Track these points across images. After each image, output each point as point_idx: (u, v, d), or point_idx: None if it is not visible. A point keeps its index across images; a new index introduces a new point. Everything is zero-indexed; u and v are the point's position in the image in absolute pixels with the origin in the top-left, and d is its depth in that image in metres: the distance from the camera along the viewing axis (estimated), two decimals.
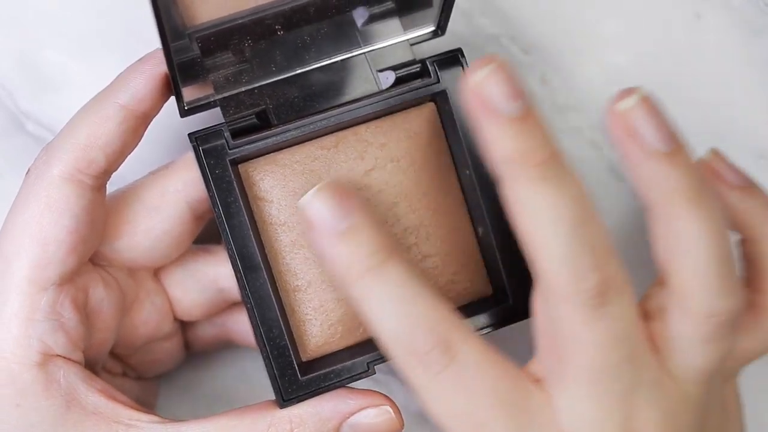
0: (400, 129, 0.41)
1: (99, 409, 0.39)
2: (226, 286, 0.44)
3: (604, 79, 0.49)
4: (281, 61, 0.41)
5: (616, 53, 0.49)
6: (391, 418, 0.40)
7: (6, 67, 0.47)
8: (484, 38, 0.49)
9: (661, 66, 0.50)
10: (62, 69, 0.47)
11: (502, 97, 0.34)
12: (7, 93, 0.47)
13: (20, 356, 0.39)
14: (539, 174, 0.34)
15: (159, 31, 0.35)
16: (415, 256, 0.41)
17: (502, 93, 0.34)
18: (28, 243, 0.39)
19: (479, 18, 0.49)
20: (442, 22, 0.41)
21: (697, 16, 0.49)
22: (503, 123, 0.34)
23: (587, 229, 0.35)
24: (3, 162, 0.47)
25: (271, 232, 0.41)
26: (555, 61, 0.49)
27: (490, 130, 0.34)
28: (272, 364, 0.40)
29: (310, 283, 0.41)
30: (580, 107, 0.50)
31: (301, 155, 0.41)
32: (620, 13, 0.49)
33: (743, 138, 0.50)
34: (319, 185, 0.37)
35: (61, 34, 0.47)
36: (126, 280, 0.43)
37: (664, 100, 0.49)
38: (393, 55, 0.41)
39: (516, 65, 0.49)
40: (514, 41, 0.49)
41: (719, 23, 0.49)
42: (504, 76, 0.34)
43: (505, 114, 0.34)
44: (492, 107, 0.34)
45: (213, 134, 0.39)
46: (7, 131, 0.47)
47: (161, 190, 0.41)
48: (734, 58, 0.50)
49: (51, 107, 0.47)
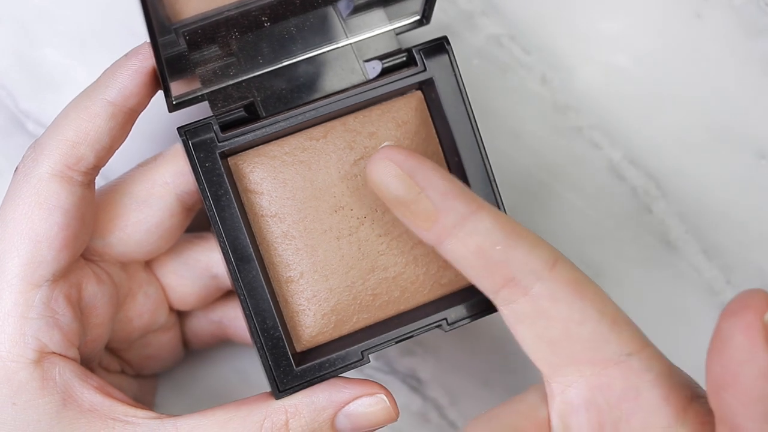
0: (388, 118, 0.42)
1: (95, 405, 0.39)
2: (220, 273, 0.44)
3: (604, 79, 0.50)
4: (268, 53, 0.41)
5: (616, 53, 0.49)
6: (386, 407, 0.40)
7: (6, 67, 0.47)
8: (484, 38, 0.49)
9: (661, 66, 0.50)
10: (62, 68, 0.48)
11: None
12: (7, 92, 0.48)
13: (15, 354, 0.39)
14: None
15: (147, 27, 0.35)
16: (406, 243, 0.41)
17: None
18: (19, 241, 0.39)
19: (479, 18, 0.49)
20: (426, 11, 0.41)
21: (697, 16, 0.49)
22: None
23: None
24: (3, 161, 0.48)
25: (263, 224, 0.41)
26: (555, 61, 0.49)
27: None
28: (267, 356, 0.40)
29: (302, 273, 0.41)
30: (580, 107, 0.50)
31: (290, 146, 0.41)
32: (620, 13, 0.49)
33: (743, 138, 0.50)
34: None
35: (61, 33, 0.47)
36: (119, 274, 0.43)
37: (664, 100, 0.50)
38: (379, 45, 0.42)
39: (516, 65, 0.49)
40: (514, 41, 0.49)
41: (719, 23, 0.49)
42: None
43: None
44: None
45: (202, 128, 0.39)
46: (7, 131, 0.48)
47: (150, 183, 0.42)
48: (734, 58, 0.50)
49: (51, 106, 0.48)
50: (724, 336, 0.33)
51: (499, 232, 0.37)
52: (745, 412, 0.33)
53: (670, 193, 0.50)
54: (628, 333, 0.37)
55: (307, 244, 0.41)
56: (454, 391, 0.50)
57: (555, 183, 0.50)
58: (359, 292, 0.41)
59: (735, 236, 0.50)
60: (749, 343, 0.33)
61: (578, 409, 0.38)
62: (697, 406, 0.38)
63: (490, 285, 0.37)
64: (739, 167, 0.50)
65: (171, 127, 0.41)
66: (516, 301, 0.37)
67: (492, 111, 0.50)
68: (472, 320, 0.41)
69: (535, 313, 0.37)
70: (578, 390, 0.38)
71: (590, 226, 0.50)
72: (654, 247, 0.50)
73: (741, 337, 0.33)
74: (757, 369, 0.33)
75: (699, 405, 0.38)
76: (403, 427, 0.49)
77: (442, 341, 0.50)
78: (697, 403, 0.38)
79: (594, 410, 0.38)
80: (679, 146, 0.50)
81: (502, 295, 0.37)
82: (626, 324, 0.38)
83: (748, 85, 0.50)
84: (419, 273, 0.41)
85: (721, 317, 0.34)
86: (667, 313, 0.50)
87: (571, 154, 0.50)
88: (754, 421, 0.33)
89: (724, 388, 0.34)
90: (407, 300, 0.41)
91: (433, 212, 0.37)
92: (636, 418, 0.37)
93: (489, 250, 0.37)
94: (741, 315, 0.33)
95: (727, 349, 0.33)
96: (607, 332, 0.37)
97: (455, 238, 0.37)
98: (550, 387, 0.38)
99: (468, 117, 0.41)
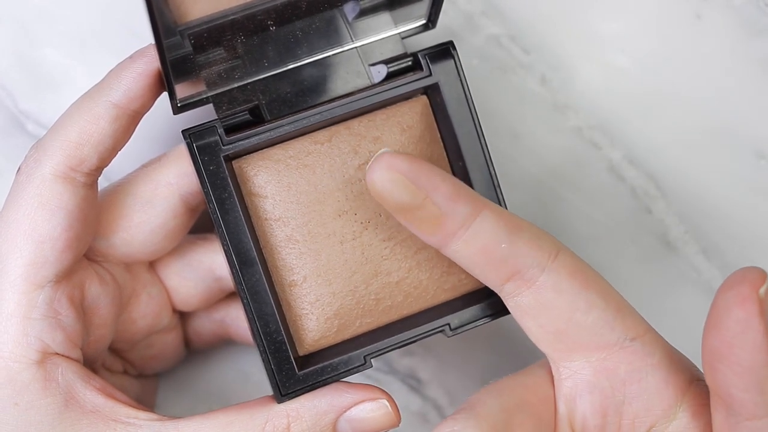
0: (393, 122, 0.41)
1: (97, 407, 0.39)
2: (223, 275, 0.44)
3: (604, 79, 0.50)
4: (273, 56, 0.41)
5: (616, 53, 0.49)
6: (388, 412, 0.40)
7: (6, 67, 0.47)
8: (484, 38, 0.49)
9: (661, 66, 0.50)
10: (62, 68, 0.47)
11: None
12: (7, 93, 0.47)
13: (18, 355, 0.39)
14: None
15: (152, 29, 0.35)
16: (409, 248, 0.41)
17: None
18: (22, 241, 0.39)
19: (479, 18, 0.49)
20: (432, 15, 0.41)
21: (697, 16, 0.49)
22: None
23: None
24: (3, 161, 0.48)
25: (266, 228, 0.41)
26: (555, 61, 0.49)
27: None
28: (269, 359, 0.40)
29: (305, 278, 0.41)
30: (580, 107, 0.50)
31: (294, 150, 0.41)
32: (620, 13, 0.49)
33: (743, 138, 0.50)
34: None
35: (61, 33, 0.47)
36: (122, 275, 0.43)
37: (663, 100, 0.50)
38: (384, 49, 0.41)
39: (516, 65, 0.49)
40: (514, 41, 0.49)
41: (719, 23, 0.49)
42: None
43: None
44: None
45: (206, 131, 0.39)
46: (7, 131, 0.47)
47: (154, 183, 0.42)
48: (734, 58, 0.50)
49: (51, 107, 0.48)
50: (721, 309, 0.34)
51: (502, 229, 0.37)
52: (740, 383, 0.34)
53: (669, 193, 0.50)
54: (631, 319, 0.38)
55: (310, 248, 0.41)
56: (454, 391, 0.50)
57: (555, 183, 0.50)
58: (362, 296, 0.41)
59: (734, 236, 0.51)
60: (745, 316, 0.33)
61: (583, 392, 0.38)
62: (696, 388, 0.38)
63: (495, 280, 0.38)
64: (738, 167, 0.50)
65: (175, 128, 0.41)
66: (521, 294, 0.38)
67: (492, 111, 0.50)
68: (476, 326, 0.41)
69: (541, 304, 0.38)
70: (584, 374, 0.38)
71: (590, 226, 0.50)
72: (653, 247, 0.51)
73: (737, 310, 0.33)
74: (752, 341, 0.33)
75: (698, 387, 0.38)
76: (402, 427, 0.49)
77: (441, 342, 0.50)
78: (696, 386, 0.39)
79: (599, 394, 0.38)
80: (679, 146, 0.50)
81: (507, 288, 0.38)
82: (629, 310, 0.38)
83: (748, 85, 0.50)
84: (422, 278, 0.41)
85: (718, 292, 0.34)
86: (667, 313, 0.50)
87: (571, 154, 0.50)
88: (748, 392, 0.34)
89: (719, 360, 0.34)
90: (410, 305, 0.42)
91: (438, 216, 0.37)
92: (638, 400, 0.38)
93: (494, 249, 0.37)
94: (737, 289, 0.34)
95: (723, 322, 0.34)
96: (611, 319, 0.38)
97: (461, 241, 0.37)
98: (557, 370, 0.39)
99: (473, 122, 0.41)
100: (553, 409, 0.39)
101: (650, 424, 0.38)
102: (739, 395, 0.34)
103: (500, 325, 0.46)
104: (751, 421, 0.35)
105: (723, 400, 0.35)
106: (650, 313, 0.40)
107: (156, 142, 0.46)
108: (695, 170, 0.50)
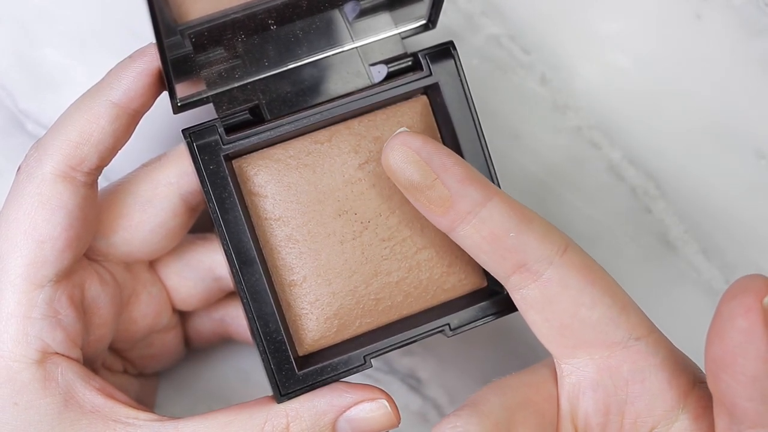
0: (393, 122, 0.41)
1: (96, 407, 0.39)
2: (223, 274, 0.44)
3: (604, 79, 0.50)
4: (273, 56, 0.41)
5: (616, 53, 0.49)
6: (387, 412, 0.40)
7: (6, 67, 0.47)
8: (484, 38, 0.49)
9: (661, 66, 0.50)
10: (62, 68, 0.47)
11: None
12: (7, 92, 0.47)
13: (18, 354, 0.39)
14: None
15: (153, 28, 0.35)
16: (410, 248, 0.41)
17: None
18: (22, 241, 0.39)
19: (479, 18, 0.49)
20: (432, 15, 0.41)
21: (697, 16, 0.49)
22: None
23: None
24: (3, 161, 0.48)
25: (266, 227, 0.41)
26: (555, 61, 0.49)
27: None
28: (269, 359, 0.40)
29: (305, 277, 0.41)
30: (579, 107, 0.50)
31: (294, 150, 0.41)
32: (620, 13, 0.49)
33: (743, 138, 0.50)
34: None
35: (61, 33, 0.47)
36: (122, 274, 0.43)
37: (663, 100, 0.50)
38: (384, 49, 0.41)
39: (516, 65, 0.49)
40: (514, 41, 0.49)
41: (719, 23, 0.49)
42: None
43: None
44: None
45: (207, 130, 0.39)
46: (6, 131, 0.47)
47: (154, 183, 0.42)
48: (734, 58, 0.50)
49: (51, 106, 0.48)
50: (724, 319, 0.34)
51: (512, 218, 0.37)
52: (744, 392, 0.34)
53: (669, 193, 0.50)
54: (636, 318, 0.38)
55: (310, 248, 0.41)
56: (454, 390, 0.50)
57: (554, 183, 0.50)
58: (362, 296, 0.41)
59: (734, 236, 0.51)
60: (748, 326, 0.33)
61: (586, 390, 0.38)
62: (699, 390, 0.38)
63: (501, 270, 0.38)
64: (738, 167, 0.50)
65: (175, 127, 0.41)
66: (527, 287, 0.38)
67: (492, 111, 0.50)
68: (475, 326, 0.41)
69: (546, 298, 0.38)
70: (587, 372, 0.38)
71: (590, 226, 0.50)
72: (653, 246, 0.51)
73: (740, 320, 0.33)
74: (755, 351, 0.33)
75: (701, 390, 0.39)
76: (402, 427, 0.49)
77: (441, 341, 0.50)
78: (698, 388, 0.39)
79: (602, 392, 0.38)
80: (679, 146, 0.50)
81: (514, 280, 0.38)
82: (634, 309, 0.39)
83: (748, 85, 0.50)
84: (422, 278, 0.41)
85: (721, 300, 0.34)
86: (667, 313, 0.50)
87: (570, 154, 0.50)
88: (751, 401, 0.34)
89: (723, 370, 0.34)
90: (410, 305, 0.42)
91: (448, 198, 0.37)
92: (641, 400, 0.38)
93: (502, 237, 0.37)
94: (741, 298, 0.33)
95: (726, 332, 0.34)
96: (616, 317, 0.38)
97: (469, 225, 0.37)
98: (560, 368, 0.39)
99: (473, 122, 0.41)
100: (556, 408, 0.39)
101: (652, 425, 0.38)
102: (742, 404, 0.34)
103: (500, 325, 0.46)
104: (753, 429, 0.35)
105: (726, 408, 0.35)
106: (650, 313, 0.40)
107: (156, 141, 0.46)
108: (695, 170, 0.50)
